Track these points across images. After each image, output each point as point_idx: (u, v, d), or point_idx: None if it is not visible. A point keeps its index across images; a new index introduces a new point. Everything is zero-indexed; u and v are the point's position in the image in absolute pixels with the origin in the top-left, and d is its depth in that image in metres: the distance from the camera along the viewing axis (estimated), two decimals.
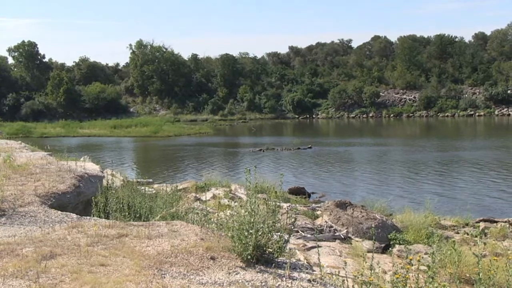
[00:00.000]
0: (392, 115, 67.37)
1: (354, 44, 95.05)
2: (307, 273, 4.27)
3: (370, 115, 68.39)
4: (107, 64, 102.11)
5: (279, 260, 4.45)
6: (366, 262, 4.21)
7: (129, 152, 38.09)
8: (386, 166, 25.19)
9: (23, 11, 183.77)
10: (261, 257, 4.36)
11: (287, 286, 3.90)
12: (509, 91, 64.93)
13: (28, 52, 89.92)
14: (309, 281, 4.04)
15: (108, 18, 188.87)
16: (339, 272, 4.46)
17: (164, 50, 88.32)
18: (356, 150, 32.64)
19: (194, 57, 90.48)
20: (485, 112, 63.68)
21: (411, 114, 66.84)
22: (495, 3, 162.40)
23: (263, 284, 3.90)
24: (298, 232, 10.58)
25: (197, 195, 14.64)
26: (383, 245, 10.41)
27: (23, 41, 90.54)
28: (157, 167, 27.05)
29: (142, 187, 10.10)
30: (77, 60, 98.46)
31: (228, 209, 5.37)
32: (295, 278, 4.08)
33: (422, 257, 6.03)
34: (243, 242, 4.30)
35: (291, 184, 18.89)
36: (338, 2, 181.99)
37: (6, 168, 8.50)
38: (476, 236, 10.90)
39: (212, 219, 5.84)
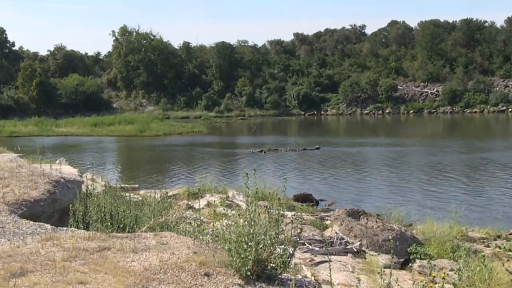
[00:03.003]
0: (411, 111, 67.36)
1: (368, 31, 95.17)
2: None
3: (387, 111, 68.39)
4: (86, 54, 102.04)
5: (282, 277, 4.44)
6: (382, 279, 4.19)
7: (111, 153, 38.09)
8: (405, 170, 25.17)
9: None
10: (262, 273, 4.35)
11: None
12: None
13: None
14: None
15: (88, 1, 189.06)
16: None
17: (152, 37, 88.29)
18: (370, 151, 32.63)
19: (186, 45, 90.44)
20: None
21: (433, 110, 66.82)
22: None
23: None
24: (305, 244, 10.57)
25: (190, 203, 14.64)
26: (401, 259, 10.40)
27: None
28: (144, 170, 27.03)
29: (127, 194, 10.09)
30: (52, 49, 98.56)
31: (224, 219, 5.36)
32: None
33: (447, 274, 6.02)
34: (242, 256, 4.29)
35: (297, 190, 18.88)
36: None
37: None
38: (509, 250, 10.89)
39: (206, 230, 5.83)
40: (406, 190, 20.18)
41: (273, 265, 4.39)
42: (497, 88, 67.21)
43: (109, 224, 6.43)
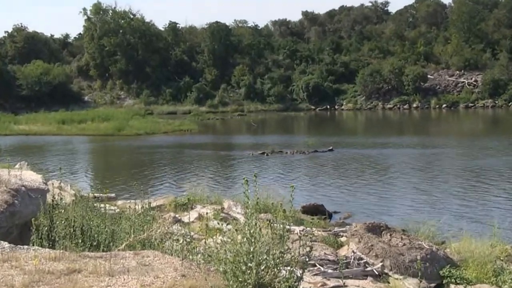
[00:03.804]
0: (444, 105, 67.35)
1: (392, 9, 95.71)
2: None
3: (414, 105, 68.39)
4: (52, 36, 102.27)
5: None
6: None
7: (83, 156, 38.11)
8: (436, 176, 25.16)
9: None
10: None
11: None
12: None
13: None
14: None
15: None
16: None
17: (131, 16, 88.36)
18: (394, 154, 32.62)
19: (173, 26, 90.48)
20: None
21: (471, 104, 66.78)
22: None
23: None
24: (315, 266, 10.57)
25: (177, 216, 14.67)
26: (432, 284, 10.40)
27: None
28: (122, 177, 27.04)
29: (101, 205, 10.12)
30: (10, 30, 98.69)
31: (219, 235, 5.36)
32: None
33: None
34: (240, 279, 4.29)
35: (306, 200, 18.88)
36: None
37: None
38: None
39: (197, 248, 5.83)
40: (437, 200, 20.16)
41: None
42: None
43: (80, 241, 6.43)
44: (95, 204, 9.63)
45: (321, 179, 25.24)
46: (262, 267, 4.29)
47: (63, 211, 7.75)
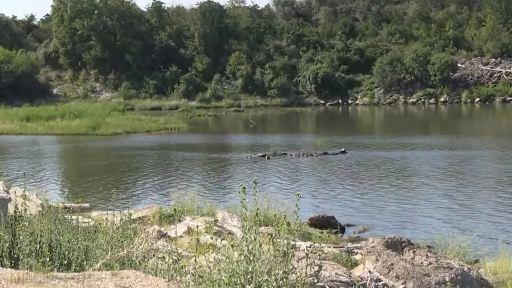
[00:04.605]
0: (477, 99, 67.33)
1: None
2: None
3: (442, 99, 68.40)
4: (14, 18, 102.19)
5: None
6: None
7: (51, 159, 38.07)
8: (468, 183, 25.15)
9: None
10: None
11: None
12: None
13: None
14: None
15: None
16: None
17: None
18: (418, 156, 32.62)
19: (157, 6, 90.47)
20: None
21: (509, 98, 66.73)
22: None
23: None
24: None
25: (162, 229, 14.67)
26: None
27: None
28: (98, 183, 26.98)
29: (73, 217, 10.11)
30: None
31: (212, 252, 5.37)
32: None
33: None
34: None
35: (314, 211, 18.89)
36: None
37: None
38: None
39: (186, 268, 5.83)
40: (469, 212, 20.14)
41: None
42: None
43: (48, 259, 6.42)
44: (65, 216, 9.62)
45: (332, 187, 25.21)
46: None
47: (27, 224, 7.74)
